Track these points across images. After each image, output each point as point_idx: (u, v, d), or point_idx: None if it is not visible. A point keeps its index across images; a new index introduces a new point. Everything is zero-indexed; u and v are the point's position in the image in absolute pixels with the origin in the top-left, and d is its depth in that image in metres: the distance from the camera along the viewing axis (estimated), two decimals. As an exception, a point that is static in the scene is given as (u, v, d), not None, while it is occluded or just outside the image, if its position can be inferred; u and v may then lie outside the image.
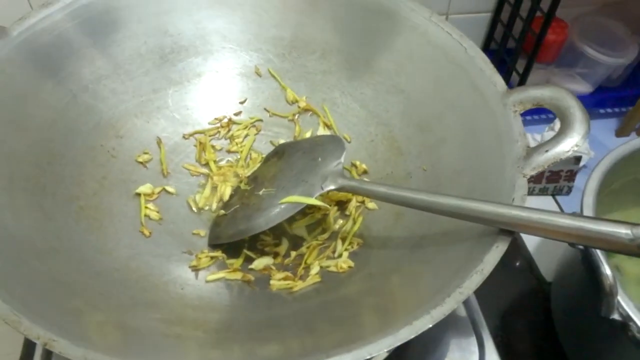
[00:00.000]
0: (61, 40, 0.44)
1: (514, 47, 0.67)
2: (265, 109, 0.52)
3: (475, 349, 0.42)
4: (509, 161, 0.37)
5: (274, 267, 0.41)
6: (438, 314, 0.29)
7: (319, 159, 0.42)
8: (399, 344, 0.28)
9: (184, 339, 0.33)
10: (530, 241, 0.60)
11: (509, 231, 0.33)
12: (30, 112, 0.41)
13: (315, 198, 0.40)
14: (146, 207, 0.44)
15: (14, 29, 0.42)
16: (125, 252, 0.40)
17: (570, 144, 0.35)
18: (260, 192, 0.43)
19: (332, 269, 0.41)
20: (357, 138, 0.50)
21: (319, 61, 0.52)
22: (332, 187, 0.40)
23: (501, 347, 0.47)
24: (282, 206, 0.40)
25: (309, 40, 0.52)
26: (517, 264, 0.59)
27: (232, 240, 0.42)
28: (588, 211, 0.44)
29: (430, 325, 0.29)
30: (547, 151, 0.35)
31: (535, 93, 0.39)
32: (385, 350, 0.27)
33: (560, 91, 0.38)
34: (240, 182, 0.47)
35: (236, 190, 0.46)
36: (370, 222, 0.45)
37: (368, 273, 0.39)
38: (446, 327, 0.45)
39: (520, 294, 0.57)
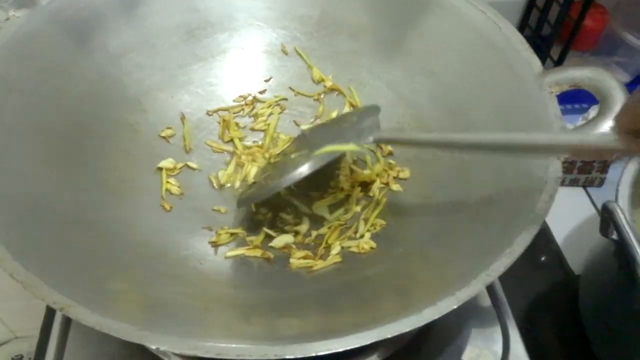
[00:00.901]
0: (89, 11, 0.44)
1: (549, 34, 0.65)
2: (290, 87, 0.51)
3: (499, 337, 0.40)
4: (543, 144, 0.36)
5: (294, 246, 0.41)
6: (463, 295, 0.28)
7: (354, 119, 0.41)
8: (422, 324, 0.27)
9: (204, 311, 0.32)
10: (559, 233, 0.58)
11: (540, 218, 0.31)
12: (60, 84, 0.41)
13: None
14: (167, 182, 0.44)
15: (42, -1, 0.42)
16: (147, 226, 0.40)
17: (610, 127, 0.33)
18: (293, 156, 0.42)
19: (354, 249, 0.40)
20: (383, 120, 0.47)
21: (347, 41, 0.51)
22: (370, 138, 0.39)
23: (526, 341, 0.45)
24: (317, 157, 0.39)
25: (337, 19, 0.51)
26: (545, 256, 0.57)
27: (263, 197, 0.40)
28: (623, 202, 0.42)
29: (455, 307, 0.27)
30: (584, 134, 0.34)
31: (573, 73, 0.37)
32: (408, 330, 0.26)
33: (600, 72, 0.36)
34: (269, 158, 0.46)
35: (266, 167, 0.46)
36: (394, 204, 0.44)
37: (391, 255, 0.38)
38: (468, 316, 0.43)
39: (546, 287, 0.56)
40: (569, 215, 0.59)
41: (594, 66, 0.37)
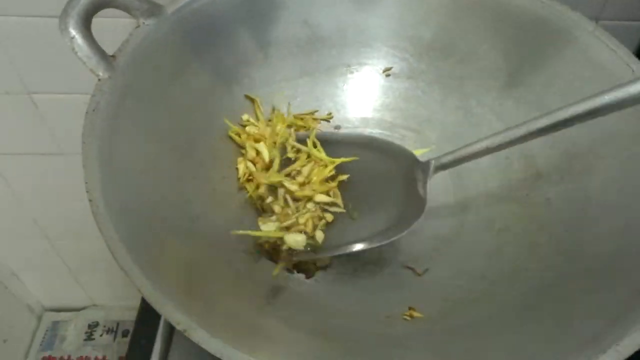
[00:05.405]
0: (211, 21, 0.45)
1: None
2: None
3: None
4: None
5: None
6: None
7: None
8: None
9: (307, 342, 0.32)
10: None
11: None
12: (177, 92, 0.42)
13: None
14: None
15: (169, 7, 0.43)
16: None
17: None
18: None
19: None
20: (491, 156, 0.46)
21: (458, 66, 0.49)
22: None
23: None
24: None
25: (449, 43, 0.49)
26: None
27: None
28: None
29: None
30: None
31: None
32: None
33: None
34: None
35: None
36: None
37: (496, 303, 0.37)
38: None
39: None
40: None
41: None
